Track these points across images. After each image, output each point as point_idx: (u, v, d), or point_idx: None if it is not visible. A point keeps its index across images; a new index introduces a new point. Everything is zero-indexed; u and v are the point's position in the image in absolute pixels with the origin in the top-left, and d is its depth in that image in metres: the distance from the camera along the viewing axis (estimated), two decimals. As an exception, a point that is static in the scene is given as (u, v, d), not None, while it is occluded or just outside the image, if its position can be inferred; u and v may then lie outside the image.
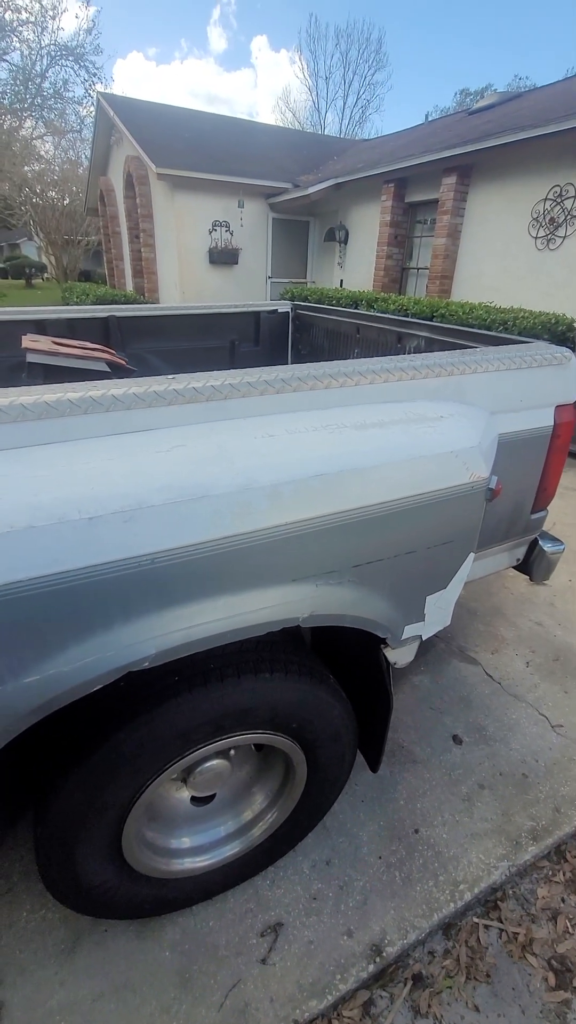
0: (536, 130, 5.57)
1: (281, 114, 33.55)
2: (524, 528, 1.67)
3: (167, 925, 1.32)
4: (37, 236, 21.93)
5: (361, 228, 9.05)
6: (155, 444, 0.91)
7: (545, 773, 1.77)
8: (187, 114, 12.89)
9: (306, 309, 3.04)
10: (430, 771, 1.77)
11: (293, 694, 1.11)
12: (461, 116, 10.24)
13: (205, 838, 1.30)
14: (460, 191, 6.88)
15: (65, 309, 2.54)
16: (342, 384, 1.09)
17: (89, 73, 17.01)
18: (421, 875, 1.46)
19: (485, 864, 1.49)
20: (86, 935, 1.30)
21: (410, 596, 1.18)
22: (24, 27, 15.51)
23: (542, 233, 6.11)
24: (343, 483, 0.96)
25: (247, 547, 0.88)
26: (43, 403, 0.87)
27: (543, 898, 1.46)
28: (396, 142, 10.58)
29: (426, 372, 1.19)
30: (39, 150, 18.20)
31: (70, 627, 0.79)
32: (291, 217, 10.27)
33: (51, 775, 0.98)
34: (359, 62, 32.10)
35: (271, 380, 1.03)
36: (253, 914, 1.36)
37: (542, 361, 1.39)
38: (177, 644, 0.86)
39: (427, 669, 2.21)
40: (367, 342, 2.57)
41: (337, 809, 1.61)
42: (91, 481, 0.82)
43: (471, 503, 1.14)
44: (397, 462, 1.03)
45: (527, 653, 2.33)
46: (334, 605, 1.02)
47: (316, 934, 1.32)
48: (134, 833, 1.11)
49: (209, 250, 9.77)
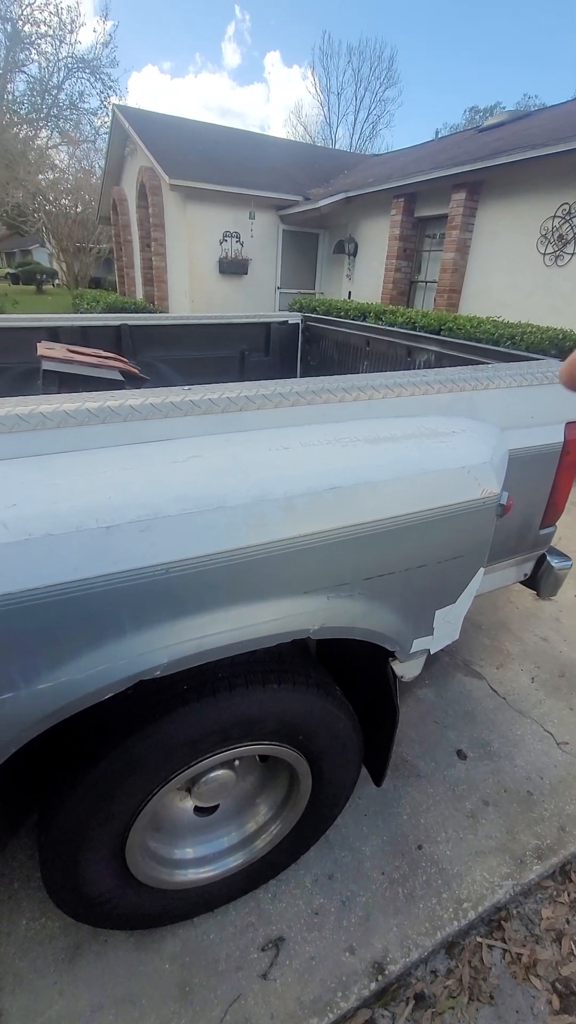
0: (545, 149, 5.63)
1: (293, 128, 34.06)
2: (532, 543, 1.67)
3: (168, 937, 1.31)
4: (49, 243, 22.24)
5: (370, 241, 9.14)
6: (171, 454, 0.92)
7: (550, 791, 1.76)
8: (200, 127, 13.09)
9: (316, 321, 3.07)
10: (434, 786, 1.75)
11: (300, 705, 1.11)
12: (471, 133, 10.37)
13: (208, 849, 1.29)
14: (469, 207, 6.94)
15: (78, 317, 2.57)
16: (356, 398, 1.10)
17: (105, 85, 17.29)
18: (424, 892, 1.45)
19: (489, 882, 1.48)
20: (86, 945, 1.29)
21: (420, 610, 1.18)
22: (43, 40, 15.81)
23: (550, 250, 6.16)
24: (356, 496, 0.97)
25: (261, 558, 0.88)
26: (62, 412, 0.88)
27: (547, 919, 1.44)
28: (406, 157, 10.71)
29: (438, 387, 1.20)
30: (54, 159, 18.48)
31: (84, 635, 0.79)
32: (301, 229, 10.38)
33: (58, 782, 0.98)
34: (370, 79, 32.54)
35: (286, 393, 1.04)
36: (254, 928, 1.35)
37: (553, 378, 1.40)
38: (189, 654, 0.87)
39: (432, 682, 2.20)
40: (377, 355, 2.58)
41: (340, 822, 1.60)
42: (108, 490, 0.83)
43: (482, 518, 1.14)
44: (410, 476, 1.03)
45: (532, 668, 2.32)
46: (344, 617, 1.03)
47: (317, 950, 1.31)
48: (138, 842, 1.11)
49: (219, 260, 9.87)
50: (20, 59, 15.69)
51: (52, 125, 17.15)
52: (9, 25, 15.00)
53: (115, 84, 17.63)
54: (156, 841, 1.22)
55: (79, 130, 17.81)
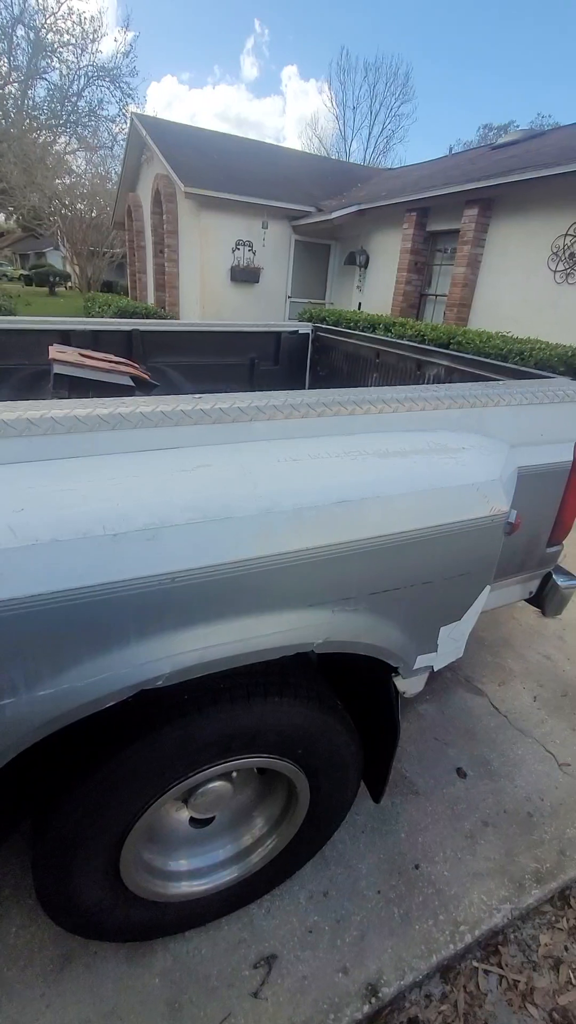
0: (558, 168, 5.67)
1: (308, 140, 34.45)
2: (539, 561, 1.66)
3: (158, 950, 1.29)
4: (63, 246, 22.49)
5: (382, 253, 9.20)
6: (180, 463, 0.92)
7: (551, 813, 1.73)
8: (216, 137, 13.26)
9: (326, 332, 3.08)
10: (432, 804, 1.73)
11: (301, 719, 1.10)
12: (484, 151, 10.46)
13: (203, 862, 1.27)
14: (481, 223, 6.99)
15: (90, 321, 2.59)
16: (366, 411, 1.10)
17: (124, 94, 17.55)
18: (420, 913, 1.42)
19: (487, 905, 1.45)
20: (76, 956, 1.27)
21: (424, 626, 1.17)
22: (65, 48, 16.09)
23: (561, 267, 6.19)
24: (364, 511, 0.96)
25: (266, 570, 0.88)
26: (73, 417, 0.88)
27: (545, 945, 1.41)
28: (419, 172, 10.81)
29: (449, 403, 1.20)
30: (71, 164, 18.72)
31: (87, 642, 0.79)
32: (313, 240, 10.46)
33: (54, 789, 0.97)
34: (386, 94, 32.94)
35: (297, 404, 1.04)
36: (247, 944, 1.32)
37: (564, 397, 1.40)
38: (192, 664, 0.86)
39: (433, 698, 2.18)
40: (386, 368, 2.59)
41: (337, 838, 1.58)
42: (116, 497, 0.82)
43: (490, 536, 1.13)
44: (418, 492, 1.03)
45: (535, 687, 2.30)
46: (349, 632, 1.02)
47: (310, 969, 1.29)
48: (133, 853, 1.09)
49: (231, 268, 9.95)
50: (42, 66, 15.96)
51: (71, 131, 17.39)
52: (33, 33, 15.27)
53: (134, 93, 17.81)
54: (150, 852, 1.20)
55: (97, 137, 18.06)
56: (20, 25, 14.48)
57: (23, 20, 14.48)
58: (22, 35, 14.73)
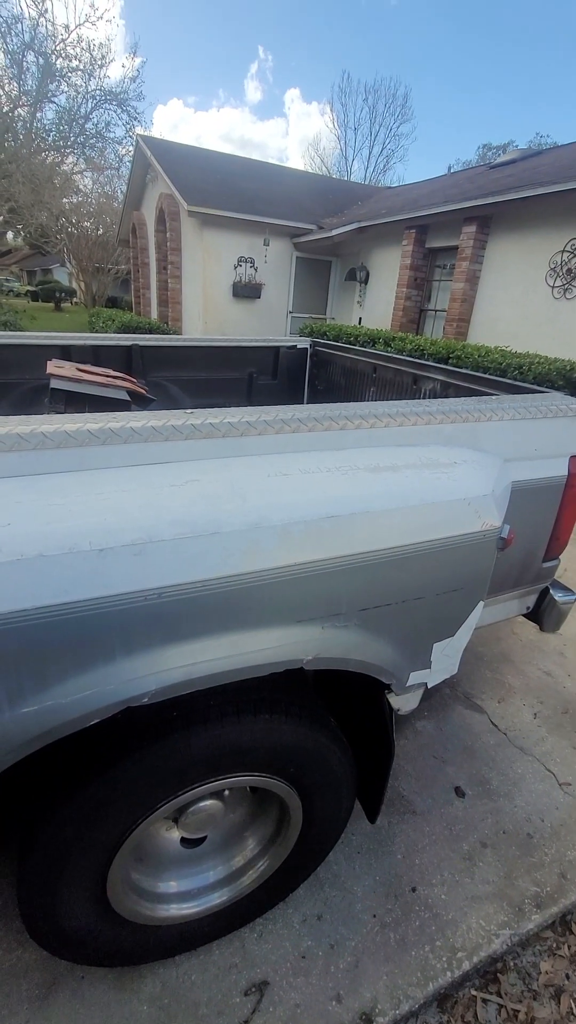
0: (555, 186, 5.75)
1: (311, 160, 35.14)
2: (535, 577, 1.64)
3: (147, 976, 1.26)
4: (69, 263, 22.86)
5: (382, 270, 9.32)
6: (170, 478, 0.92)
7: (551, 834, 1.69)
8: (219, 157, 13.53)
9: (325, 347, 3.11)
10: (430, 824, 1.70)
11: (292, 737, 1.08)
12: (483, 169, 10.64)
13: (193, 883, 1.25)
14: (480, 239, 7.08)
15: (90, 336, 2.62)
16: (358, 426, 1.10)
17: (130, 116, 18.00)
18: (417, 938, 1.39)
19: (485, 931, 1.42)
20: (62, 981, 1.24)
21: (417, 642, 1.16)
22: (73, 73, 16.54)
23: (559, 283, 6.24)
24: (354, 526, 0.96)
25: (255, 586, 0.87)
26: (63, 432, 0.88)
27: (546, 973, 1.37)
28: (419, 191, 10.99)
29: (441, 418, 1.20)
30: (78, 184, 19.12)
31: (72, 659, 0.78)
32: (314, 256, 10.61)
33: (40, 809, 0.96)
34: (385, 114, 33.60)
35: (288, 419, 1.04)
36: (238, 970, 1.29)
37: (558, 411, 1.40)
38: (178, 681, 0.85)
39: (431, 715, 2.15)
40: (383, 382, 2.60)
41: (332, 859, 1.54)
42: (104, 512, 0.82)
43: (482, 551, 1.13)
44: (409, 507, 1.02)
45: (535, 704, 2.27)
46: (339, 648, 1.01)
47: (303, 997, 1.25)
48: (120, 874, 1.07)
49: (233, 284, 10.08)
50: (50, 90, 16.38)
51: (78, 152, 17.80)
52: (42, 59, 15.71)
53: (140, 116, 18.28)
54: (139, 873, 1.18)
55: (104, 157, 18.47)
56: (30, 51, 14.89)
57: (33, 46, 14.90)
58: (32, 60, 15.15)
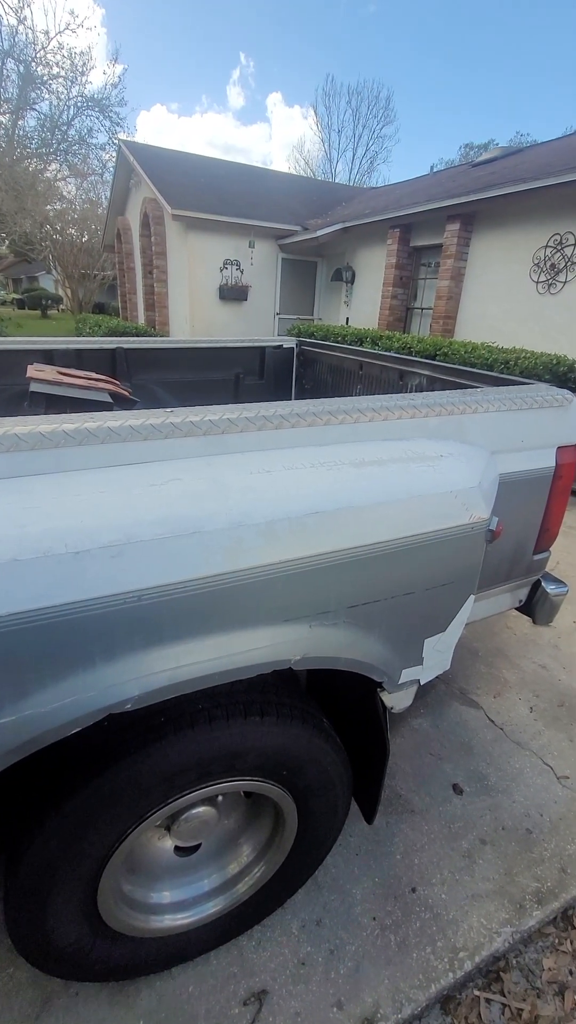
0: (536, 182, 5.79)
1: (295, 163, 35.22)
2: (526, 569, 1.63)
3: (143, 990, 1.23)
4: (55, 270, 22.76)
5: (367, 269, 9.34)
6: (149, 478, 0.90)
7: (550, 829, 1.68)
8: (202, 160, 13.53)
9: (310, 345, 3.09)
10: (429, 823, 1.68)
11: (284, 739, 1.06)
12: (465, 168, 10.70)
13: (187, 893, 1.22)
14: (463, 237, 7.11)
15: (74, 340, 2.59)
16: (341, 421, 1.08)
17: (113, 123, 17.95)
18: (418, 940, 1.37)
19: (487, 929, 1.40)
20: (55, 998, 1.21)
21: (408, 639, 1.14)
22: (55, 80, 16.48)
23: (543, 278, 6.28)
24: (339, 521, 0.94)
25: (238, 585, 0.85)
26: (38, 433, 0.86)
27: (549, 970, 1.36)
28: (402, 190, 11.03)
29: (426, 411, 1.19)
30: (61, 191, 19.03)
31: (50, 665, 0.76)
32: (300, 257, 10.62)
33: (25, 822, 0.93)
34: (368, 116, 33.73)
35: (270, 416, 1.02)
36: (236, 979, 1.26)
37: (543, 402, 1.39)
38: (162, 686, 0.83)
39: (427, 712, 2.14)
40: (369, 379, 2.59)
41: (330, 863, 1.52)
42: (80, 514, 0.80)
43: (471, 544, 1.11)
44: (395, 501, 1.01)
45: (531, 698, 2.26)
46: (328, 647, 0.99)
47: (303, 1004, 1.23)
48: (111, 885, 1.04)
49: (220, 287, 10.07)
50: (32, 98, 16.32)
51: (61, 159, 17.72)
52: (23, 66, 15.64)
53: (123, 121, 18.23)
54: (131, 884, 1.15)
55: (87, 164, 18.41)
56: (10, 59, 14.81)
57: (13, 54, 14.82)
58: (12, 68, 15.07)
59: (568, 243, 5.96)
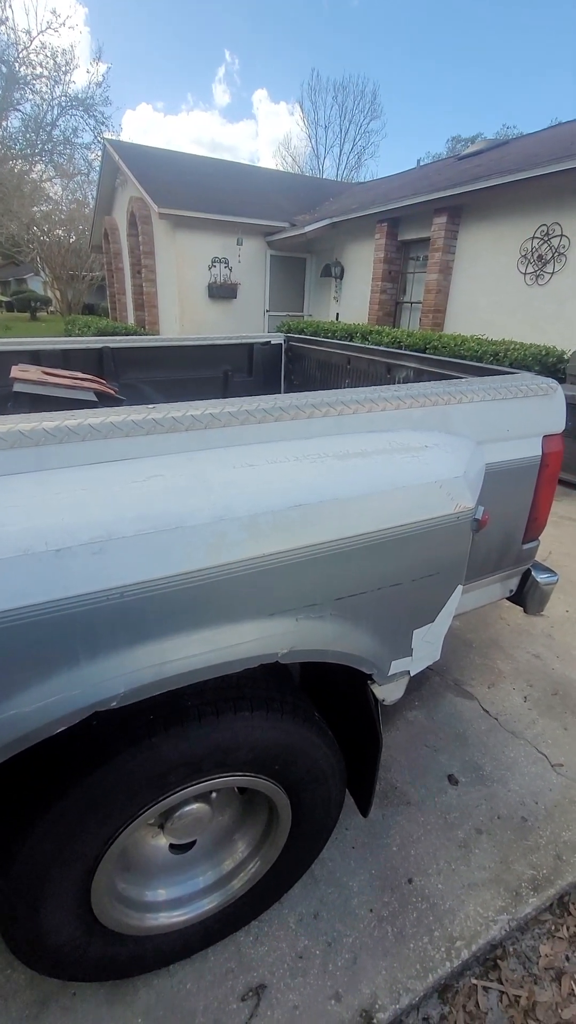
0: (522, 174, 5.80)
1: (282, 159, 35.02)
2: (516, 559, 1.64)
3: (141, 988, 1.23)
4: (43, 272, 22.61)
5: (356, 264, 9.33)
6: (131, 474, 0.89)
7: (545, 816, 1.69)
8: (189, 159, 13.46)
9: (298, 341, 3.09)
10: (424, 814, 1.68)
11: (275, 733, 1.06)
12: (451, 161, 10.70)
13: (182, 890, 1.22)
14: (451, 230, 7.12)
15: (60, 340, 2.58)
16: (325, 414, 1.08)
17: (98, 122, 17.84)
18: (415, 930, 1.37)
19: (483, 918, 1.40)
20: (53, 999, 1.20)
21: (396, 630, 1.14)
22: (38, 80, 16.35)
23: (531, 269, 6.30)
24: (323, 514, 0.94)
25: (223, 580, 0.85)
26: (17, 432, 0.85)
27: (546, 956, 1.37)
28: (389, 184, 11.02)
29: (411, 402, 1.18)
30: (48, 191, 18.90)
31: (33, 665, 0.75)
32: (288, 254, 10.60)
33: (15, 824, 0.92)
34: (355, 111, 33.62)
35: (252, 410, 1.01)
36: (234, 975, 1.26)
37: (528, 391, 1.39)
38: (148, 682, 0.82)
39: (422, 704, 2.14)
40: (357, 373, 2.59)
41: (326, 856, 1.52)
42: (61, 511, 0.79)
43: (457, 534, 1.11)
44: (380, 492, 1.01)
45: (525, 687, 2.27)
46: (316, 640, 0.99)
47: (301, 998, 1.23)
48: (105, 885, 1.04)
49: (208, 285, 10.04)
50: (15, 98, 16.19)
51: (46, 159, 17.61)
52: (5, 67, 15.51)
53: (108, 120, 18.12)
54: (126, 883, 1.15)
55: (72, 164, 18.30)
56: (-9, 59, 14.69)
57: (-6, 54, 14.70)
58: (-6, 69, 14.95)
59: (555, 234, 5.98)
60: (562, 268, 5.94)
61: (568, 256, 5.86)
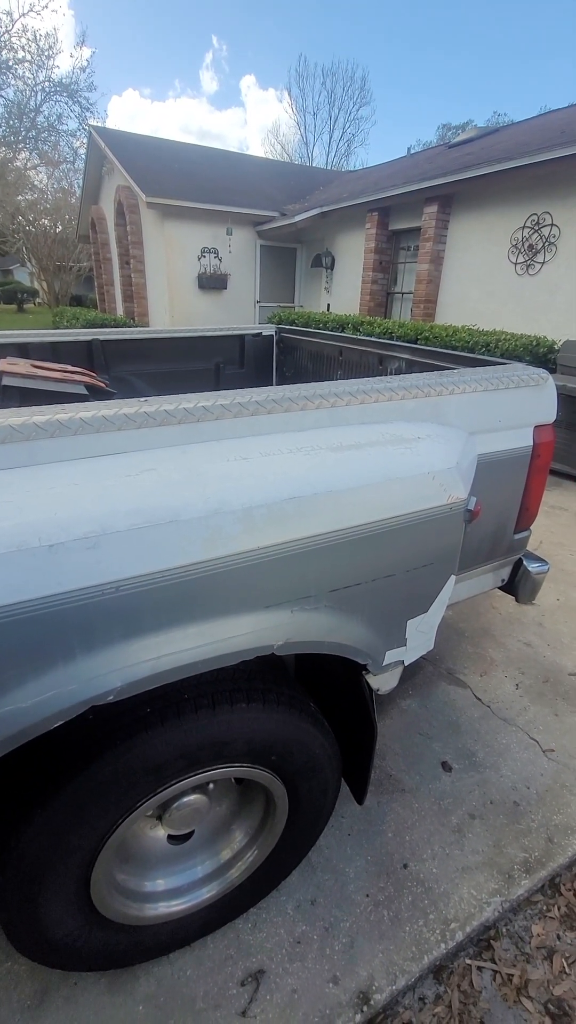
0: (512, 162, 5.78)
1: (271, 147, 34.67)
2: (508, 548, 1.65)
3: (141, 976, 1.24)
4: (29, 262, 22.21)
5: (347, 254, 9.27)
6: (124, 468, 0.89)
7: (537, 801, 1.72)
8: (177, 146, 13.26)
9: (290, 332, 3.07)
10: (419, 801, 1.71)
11: (271, 724, 1.07)
12: (442, 149, 10.62)
13: (181, 880, 1.23)
14: (442, 219, 7.08)
15: (48, 333, 2.54)
16: (318, 406, 1.08)
17: (83, 108, 17.52)
18: (410, 914, 1.40)
19: (477, 900, 1.43)
20: (54, 989, 1.22)
21: (390, 621, 1.15)
22: (20, 65, 15.99)
23: (521, 259, 6.29)
24: (317, 506, 0.94)
25: (218, 573, 0.85)
26: (7, 427, 0.84)
27: (538, 935, 1.40)
28: (379, 173, 10.93)
29: (403, 393, 1.19)
30: (33, 180, 18.57)
31: (28, 660, 0.75)
32: (279, 244, 10.50)
33: (13, 817, 0.92)
34: (344, 98, 33.25)
35: (245, 403, 1.01)
36: (233, 961, 1.28)
37: (519, 382, 1.40)
38: (144, 676, 0.83)
39: (415, 693, 2.17)
40: (349, 364, 2.59)
41: (323, 843, 1.54)
42: (54, 507, 0.79)
43: (450, 525, 1.12)
44: (373, 484, 1.01)
45: (516, 675, 2.30)
46: (311, 631, 0.99)
47: (300, 982, 1.25)
48: (104, 876, 1.05)
49: (198, 276, 9.94)
50: (-3, 84, 15.83)
51: (30, 147, 17.28)
52: (-15, 51, 15.14)
53: (93, 107, 17.79)
54: (125, 873, 1.16)
55: (58, 151, 17.96)
56: (-29, 43, 14.33)
57: (-26, 38, 14.34)
58: (-26, 54, 14.59)
59: (545, 223, 5.97)
60: (553, 258, 5.94)
61: (559, 246, 5.86)
